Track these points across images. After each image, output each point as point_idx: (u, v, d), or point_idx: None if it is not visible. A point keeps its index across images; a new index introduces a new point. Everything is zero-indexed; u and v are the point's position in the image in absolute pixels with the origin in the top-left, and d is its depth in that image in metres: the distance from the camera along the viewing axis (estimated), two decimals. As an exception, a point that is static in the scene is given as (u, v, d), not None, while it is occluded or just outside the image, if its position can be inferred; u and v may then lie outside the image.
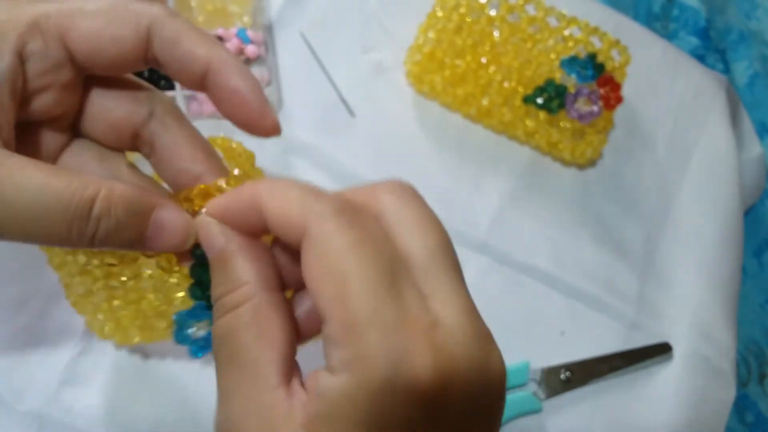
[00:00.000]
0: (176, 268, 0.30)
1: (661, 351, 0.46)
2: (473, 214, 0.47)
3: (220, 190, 0.28)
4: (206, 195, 0.28)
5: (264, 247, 0.25)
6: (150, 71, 0.44)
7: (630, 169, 0.50)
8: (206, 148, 0.30)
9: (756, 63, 0.56)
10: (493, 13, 0.47)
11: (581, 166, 0.49)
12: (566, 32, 0.47)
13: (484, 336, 0.23)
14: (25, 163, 0.24)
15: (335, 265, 0.22)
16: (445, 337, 0.22)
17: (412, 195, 0.25)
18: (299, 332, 0.26)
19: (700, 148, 0.52)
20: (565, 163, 0.49)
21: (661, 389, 0.45)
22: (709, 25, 0.61)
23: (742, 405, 0.56)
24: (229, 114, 0.28)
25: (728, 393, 0.46)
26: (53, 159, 0.29)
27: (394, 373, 0.21)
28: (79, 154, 0.30)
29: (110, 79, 0.29)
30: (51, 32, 0.26)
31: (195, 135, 0.30)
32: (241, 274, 0.24)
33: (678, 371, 0.45)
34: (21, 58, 0.26)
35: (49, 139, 0.29)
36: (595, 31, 0.47)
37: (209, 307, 0.27)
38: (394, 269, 0.22)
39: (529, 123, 0.46)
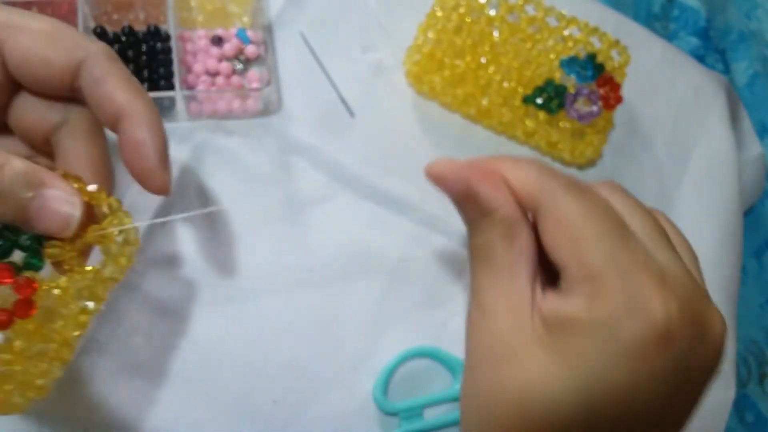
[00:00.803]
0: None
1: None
2: (473, 214, 0.47)
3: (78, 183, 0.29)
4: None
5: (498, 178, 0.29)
6: (150, 70, 0.44)
7: (630, 169, 0.50)
8: (102, 168, 0.31)
9: (756, 63, 0.56)
10: (492, 13, 0.47)
11: (581, 166, 0.49)
12: (566, 32, 0.47)
13: (704, 294, 0.27)
14: None
15: (572, 225, 0.26)
16: (673, 286, 0.25)
17: (625, 190, 0.30)
18: None
19: (700, 148, 0.52)
20: (565, 163, 0.49)
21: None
22: (709, 25, 0.61)
23: (741, 405, 0.56)
24: (127, 162, 0.30)
25: (728, 393, 0.46)
26: None
27: (630, 309, 0.24)
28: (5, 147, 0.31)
29: None
30: None
31: (97, 153, 0.31)
32: (493, 197, 0.28)
33: (678, 371, 0.45)
34: None
35: None
36: (595, 31, 0.47)
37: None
38: (622, 229, 0.26)
39: (529, 123, 0.46)
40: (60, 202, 0.28)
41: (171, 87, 0.43)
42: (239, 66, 0.46)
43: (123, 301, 0.40)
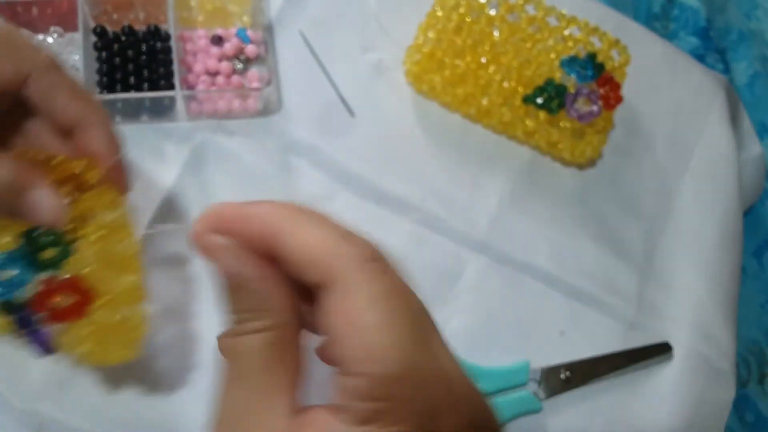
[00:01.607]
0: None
1: (660, 351, 0.45)
2: (473, 213, 0.47)
3: (73, 171, 0.31)
4: (63, 172, 0.31)
5: (282, 274, 0.23)
6: (149, 70, 0.44)
7: (630, 169, 0.50)
8: (84, 92, 0.32)
9: (756, 63, 0.56)
10: (492, 12, 0.47)
11: (581, 166, 0.49)
12: (566, 32, 0.47)
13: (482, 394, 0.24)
14: None
15: (367, 319, 0.21)
16: (462, 396, 0.22)
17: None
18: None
19: (700, 148, 0.52)
20: (565, 162, 0.49)
21: (661, 389, 0.45)
22: (709, 25, 0.61)
23: (741, 405, 0.56)
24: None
25: (728, 393, 0.46)
26: None
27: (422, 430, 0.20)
28: None
29: None
30: None
31: (74, 81, 0.32)
32: (268, 299, 0.23)
33: (678, 371, 0.45)
34: None
35: None
36: (595, 30, 0.47)
37: (29, 263, 0.31)
38: (423, 321, 0.23)
39: (529, 123, 0.46)
40: (47, 200, 0.30)
41: (171, 87, 0.43)
42: (239, 66, 0.46)
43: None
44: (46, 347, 0.32)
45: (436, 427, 0.21)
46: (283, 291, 0.23)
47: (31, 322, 0.31)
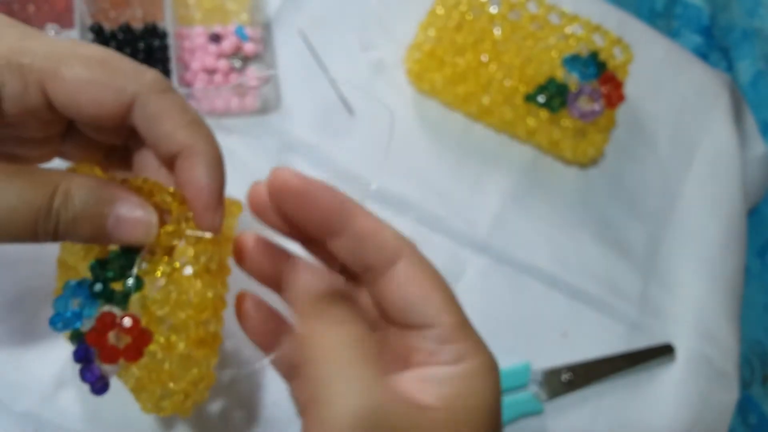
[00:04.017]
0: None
1: (663, 352, 0.45)
2: (474, 213, 0.46)
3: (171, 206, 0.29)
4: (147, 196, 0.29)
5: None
6: (147, 59, 0.44)
7: (632, 168, 0.50)
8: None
9: (759, 61, 0.55)
10: (493, 10, 0.46)
11: (583, 165, 0.49)
12: (568, 30, 0.46)
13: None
14: None
15: (439, 280, 0.27)
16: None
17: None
18: None
19: (703, 147, 0.52)
20: (567, 162, 0.49)
21: (664, 391, 0.45)
22: (712, 23, 0.60)
23: (745, 407, 0.56)
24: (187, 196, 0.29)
25: (731, 394, 0.46)
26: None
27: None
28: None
29: None
30: (33, 75, 0.26)
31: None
32: None
33: (681, 373, 0.45)
34: None
35: (35, 153, 0.30)
36: (597, 28, 0.47)
37: (98, 293, 0.28)
38: None
39: (531, 122, 0.46)
40: (134, 212, 0.27)
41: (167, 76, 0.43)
42: (237, 64, 0.46)
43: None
44: (96, 385, 0.29)
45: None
46: None
47: (84, 356, 0.28)
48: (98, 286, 0.28)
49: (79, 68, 0.26)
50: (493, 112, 0.46)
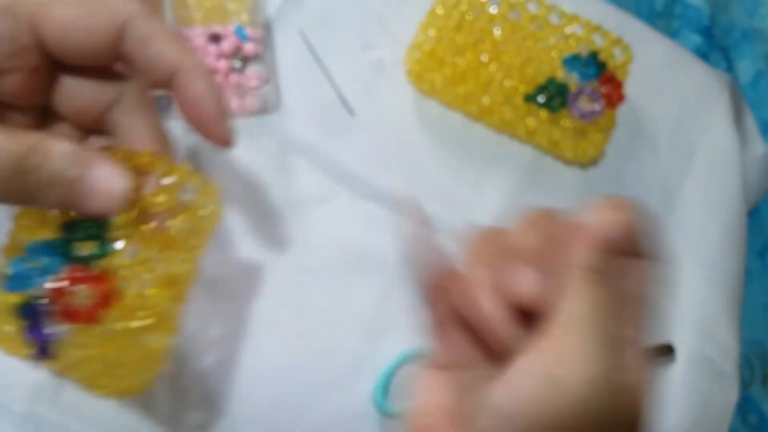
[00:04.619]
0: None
1: (663, 352, 0.45)
2: (474, 213, 0.46)
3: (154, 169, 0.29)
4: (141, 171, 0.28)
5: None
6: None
7: (632, 168, 0.50)
8: (162, 138, 0.30)
9: (759, 61, 0.55)
10: (493, 10, 0.46)
11: (583, 165, 0.49)
12: (568, 30, 0.46)
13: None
14: None
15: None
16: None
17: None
18: None
19: (703, 147, 0.52)
20: (567, 162, 0.49)
21: (664, 391, 0.45)
22: (712, 23, 0.60)
23: (745, 407, 0.56)
24: (189, 116, 0.29)
25: (731, 395, 0.46)
26: None
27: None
28: None
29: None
30: (23, 16, 0.27)
31: (155, 125, 0.30)
32: None
33: (681, 373, 0.45)
34: None
35: (18, 121, 0.29)
36: (597, 29, 0.47)
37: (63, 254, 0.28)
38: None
39: (530, 122, 0.46)
40: (108, 178, 0.27)
41: (168, 85, 0.43)
42: (237, 64, 0.46)
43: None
44: (45, 349, 0.28)
45: None
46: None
47: (37, 315, 0.27)
48: (66, 247, 0.28)
49: (69, 4, 0.27)
50: (493, 112, 0.46)
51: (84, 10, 0.28)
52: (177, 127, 0.44)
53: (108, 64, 0.29)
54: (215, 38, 0.46)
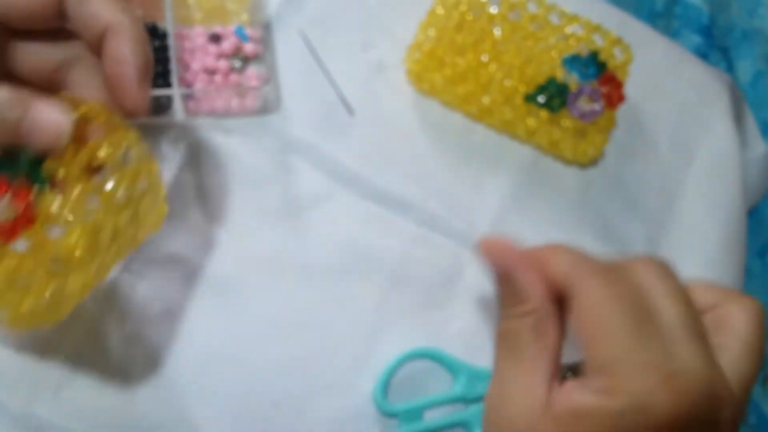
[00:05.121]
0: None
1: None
2: (474, 213, 0.46)
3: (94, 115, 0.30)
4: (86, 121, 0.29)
5: (537, 269, 0.31)
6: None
7: (632, 168, 0.50)
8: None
9: (759, 61, 0.55)
10: (493, 10, 0.46)
11: (583, 165, 0.49)
12: (568, 30, 0.46)
13: (719, 387, 0.27)
14: None
15: (593, 315, 0.28)
16: (686, 387, 0.26)
17: (663, 268, 0.30)
18: None
19: (704, 147, 0.52)
20: (567, 162, 0.49)
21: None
22: (712, 23, 0.60)
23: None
24: (107, 76, 0.30)
25: (731, 395, 0.46)
26: None
27: (636, 407, 0.25)
28: None
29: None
30: None
31: (101, 84, 0.31)
32: (528, 289, 0.30)
33: (681, 373, 0.45)
34: None
35: None
36: (597, 29, 0.47)
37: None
38: (644, 321, 0.27)
39: (530, 122, 0.46)
40: (48, 115, 0.28)
41: (168, 85, 0.43)
42: (237, 64, 0.46)
43: (121, 302, 0.39)
44: None
45: (648, 409, 0.26)
46: (541, 288, 0.30)
47: None
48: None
49: None
50: (493, 112, 0.46)
51: None
52: (178, 127, 0.44)
53: (55, 25, 0.30)
54: (215, 38, 0.46)
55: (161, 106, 0.43)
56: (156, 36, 0.45)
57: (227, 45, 0.45)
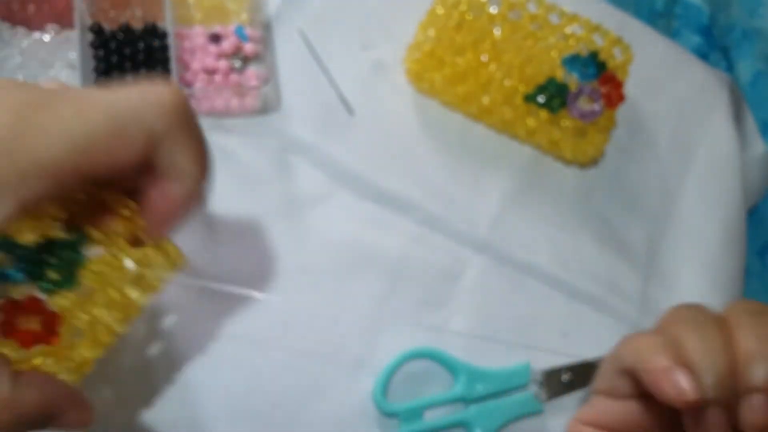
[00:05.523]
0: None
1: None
2: (474, 213, 0.46)
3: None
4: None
5: None
6: (147, 68, 0.44)
7: (632, 168, 0.50)
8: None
9: (759, 61, 0.55)
10: (493, 10, 0.46)
11: (583, 165, 0.49)
12: (567, 30, 0.46)
13: None
14: None
15: None
16: None
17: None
18: None
19: (703, 147, 0.52)
20: (567, 162, 0.49)
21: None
22: (712, 23, 0.60)
23: (745, 406, 0.56)
24: (150, 204, 0.30)
25: (731, 394, 0.46)
26: None
27: None
28: None
29: None
30: (65, 173, 0.26)
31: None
32: None
33: (681, 372, 0.45)
34: (23, 209, 0.25)
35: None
36: (597, 28, 0.47)
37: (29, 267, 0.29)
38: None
39: (530, 122, 0.46)
40: None
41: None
42: (237, 64, 0.46)
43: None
44: None
45: None
46: None
47: None
48: (39, 263, 0.29)
49: (99, 142, 0.26)
50: (493, 112, 0.46)
51: (113, 142, 0.26)
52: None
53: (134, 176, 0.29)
54: (215, 38, 0.46)
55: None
56: (156, 36, 0.45)
57: (227, 45, 0.45)
